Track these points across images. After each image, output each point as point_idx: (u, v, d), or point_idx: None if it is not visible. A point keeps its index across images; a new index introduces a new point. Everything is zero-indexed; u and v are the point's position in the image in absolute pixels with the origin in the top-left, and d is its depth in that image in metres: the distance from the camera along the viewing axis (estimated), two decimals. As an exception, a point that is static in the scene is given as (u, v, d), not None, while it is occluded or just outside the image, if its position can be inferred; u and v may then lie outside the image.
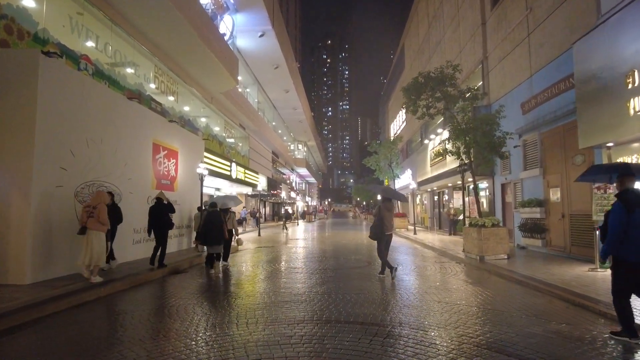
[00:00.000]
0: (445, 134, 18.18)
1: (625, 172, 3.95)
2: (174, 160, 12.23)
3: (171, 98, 15.20)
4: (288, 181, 48.03)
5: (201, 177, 12.19)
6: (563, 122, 9.83)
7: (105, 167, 8.53)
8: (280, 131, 41.60)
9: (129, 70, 12.15)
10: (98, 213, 6.46)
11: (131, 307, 5.38)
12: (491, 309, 5.14)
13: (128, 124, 9.51)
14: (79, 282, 6.48)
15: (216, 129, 20.28)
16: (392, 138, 30.43)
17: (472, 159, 10.91)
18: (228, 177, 19.40)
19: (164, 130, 11.63)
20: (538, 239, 11.03)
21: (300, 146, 50.63)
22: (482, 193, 15.96)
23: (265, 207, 40.93)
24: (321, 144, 73.21)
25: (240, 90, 23.89)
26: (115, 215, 7.70)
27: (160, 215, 8.33)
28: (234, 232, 9.76)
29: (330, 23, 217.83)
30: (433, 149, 20.33)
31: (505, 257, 9.75)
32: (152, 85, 13.58)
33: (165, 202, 8.64)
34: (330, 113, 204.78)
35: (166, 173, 11.64)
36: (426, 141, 21.99)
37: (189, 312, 5.03)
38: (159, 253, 8.26)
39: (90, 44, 10.26)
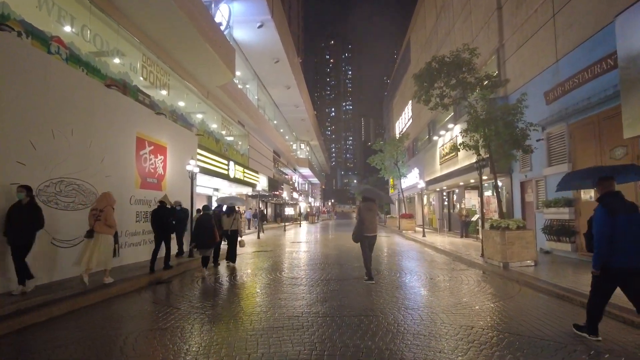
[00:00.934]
0: (457, 129, 17.01)
1: (605, 175, 3.90)
2: (162, 157, 11.16)
3: (164, 92, 14.16)
4: (291, 182, 46.94)
5: (192, 175, 11.12)
6: (598, 110, 8.65)
7: (77, 162, 7.47)
8: (282, 130, 40.54)
9: (114, 59, 11.11)
10: (105, 216, 6.38)
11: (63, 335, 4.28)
12: (540, 337, 4.00)
13: (107, 115, 8.45)
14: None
15: (213, 125, 19.23)
16: (397, 136, 29.18)
17: (492, 154, 9.74)
18: (225, 177, 18.34)
19: (151, 124, 10.57)
20: (567, 242, 9.83)
21: (302, 146, 49.49)
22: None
23: (267, 208, 39.89)
24: (324, 143, 72.12)
25: (240, 87, 22.85)
26: (28, 217, 5.60)
27: (164, 219, 8.20)
28: (239, 233, 9.48)
29: (334, 23, 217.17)
30: (443, 145, 19.16)
31: (532, 263, 8.59)
32: (140, 77, 12.53)
33: (169, 206, 8.60)
34: (333, 113, 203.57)
35: (153, 170, 10.58)
36: (435, 138, 20.80)
37: (142, 346, 3.92)
38: (161, 255, 8.20)
39: (67, 28, 9.24)
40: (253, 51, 22.41)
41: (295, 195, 45.74)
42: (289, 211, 45.71)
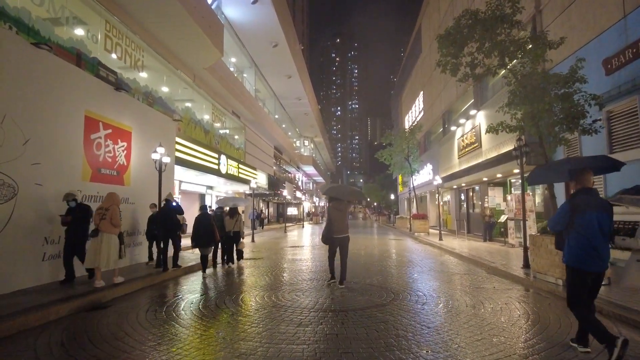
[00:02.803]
0: (480, 117, 14.71)
1: (579, 167, 3.56)
2: (125, 144, 9.07)
3: (143, 75, 12.09)
4: (294, 180, 44.82)
5: (160, 166, 9.00)
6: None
7: (-22, 142, 5.39)
8: (284, 126, 38.44)
9: (67, 27, 9.05)
10: (110, 215, 6.39)
11: None
12: None
13: (34, 84, 6.36)
14: None
15: (204, 116, 17.14)
16: (407, 129, 26.77)
17: (542, 136, 7.44)
18: (216, 172, 16.24)
19: (108, 102, 8.49)
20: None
21: (306, 142, 47.29)
22: (530, 189, 12.42)
23: (268, 207, 37.82)
24: (329, 141, 69.98)
25: (235, 74, 20.77)
26: None
27: (169, 218, 8.24)
28: (241, 235, 9.38)
29: (340, 21, 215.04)
30: (462, 136, 16.84)
31: (606, 282, 6.31)
32: (104, 50, 10.45)
33: (175, 203, 8.68)
34: (339, 113, 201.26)
35: (110, 160, 8.48)
36: (453, 128, 18.47)
37: None
38: (170, 255, 8.33)
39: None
40: (248, 33, 20.25)
41: (298, 194, 43.59)
42: (292, 211, 43.57)
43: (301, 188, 49.66)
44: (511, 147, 10.66)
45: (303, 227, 32.60)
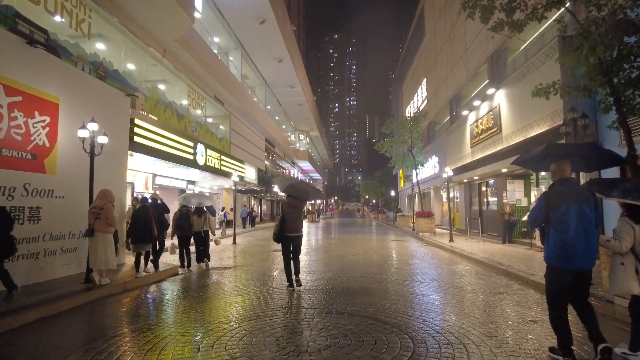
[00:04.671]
0: (500, 96, 12.49)
1: (557, 154, 3.36)
2: (47, 119, 6.82)
3: (97, 45, 9.82)
4: (290, 177, 42.60)
5: (92, 149, 6.76)
6: None
7: None
8: (277, 118, 36.15)
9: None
10: (106, 214, 6.21)
11: None
12: None
13: None
14: None
15: (175, 96, 14.86)
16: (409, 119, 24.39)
17: (619, 99, 5.20)
18: (190, 163, 14.01)
19: (18, 61, 6.27)
20: None
21: (302, 136, 44.92)
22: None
23: (261, 204, 35.60)
24: (326, 135, 67.69)
25: (220, 58, 18.48)
26: None
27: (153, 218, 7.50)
28: (210, 233, 8.97)
29: (338, 16, 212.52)
30: (477, 121, 14.63)
31: None
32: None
33: (159, 201, 8.49)
34: (337, 109, 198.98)
35: (19, 138, 6.24)
36: (465, 112, 16.24)
37: None
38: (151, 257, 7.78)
39: None
40: (231, 8, 17.92)
41: (293, 191, 41.34)
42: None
43: (297, 185, 47.42)
44: (544, 128, 8.53)
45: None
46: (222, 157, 17.65)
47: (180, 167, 14.06)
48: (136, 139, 10.32)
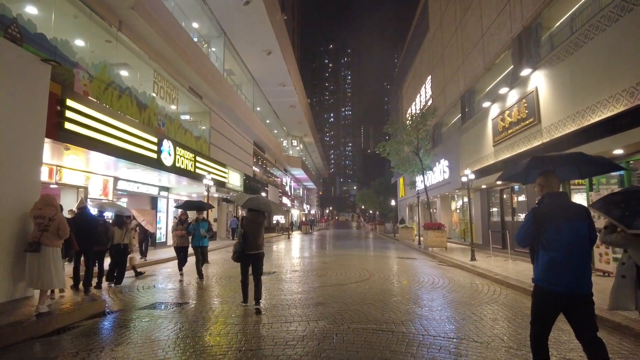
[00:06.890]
0: (538, 78, 10.02)
1: (545, 168, 2.87)
2: None
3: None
4: (282, 185, 39.90)
5: None
6: None
7: None
8: (268, 121, 33.63)
9: None
10: (58, 225, 5.29)
11: None
12: None
13: None
14: None
15: (135, 81, 12.25)
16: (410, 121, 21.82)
17: None
18: (153, 163, 11.37)
19: None
20: None
21: (295, 142, 42.33)
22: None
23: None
24: (321, 143, 65.33)
25: (202, 49, 15.98)
26: None
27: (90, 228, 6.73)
28: (129, 248, 8.05)
29: (333, 27, 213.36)
30: (503, 113, 12.11)
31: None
32: None
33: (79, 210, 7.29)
34: (332, 119, 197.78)
35: None
36: (486, 104, 13.75)
37: None
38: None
39: None
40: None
41: (285, 200, 38.61)
42: (277, 219, 38.51)
43: (289, 194, 44.72)
44: (617, 109, 6.16)
45: (289, 237, 27.54)
46: (198, 159, 15.01)
47: (139, 168, 11.41)
48: (68, 125, 7.83)
